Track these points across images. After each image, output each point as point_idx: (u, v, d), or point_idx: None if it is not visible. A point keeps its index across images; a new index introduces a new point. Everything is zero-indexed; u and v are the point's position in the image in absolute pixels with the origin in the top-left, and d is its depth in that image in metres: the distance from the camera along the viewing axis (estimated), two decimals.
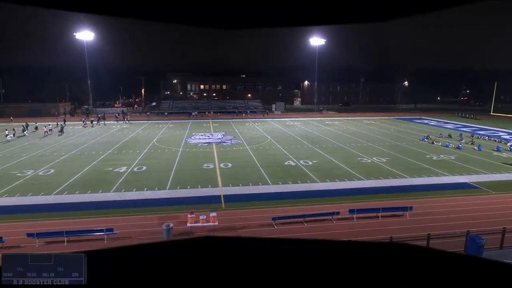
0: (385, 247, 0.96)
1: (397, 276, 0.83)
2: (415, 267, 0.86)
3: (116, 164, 26.47)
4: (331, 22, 0.88)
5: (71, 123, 52.40)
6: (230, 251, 0.97)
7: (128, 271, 0.86)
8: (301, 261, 0.91)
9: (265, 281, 0.83)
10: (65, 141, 37.17)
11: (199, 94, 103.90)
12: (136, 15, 0.80)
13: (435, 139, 37.68)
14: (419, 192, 20.30)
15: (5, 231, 14.66)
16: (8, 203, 18.16)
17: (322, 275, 0.84)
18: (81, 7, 0.77)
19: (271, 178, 22.69)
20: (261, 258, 0.93)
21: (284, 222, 16.08)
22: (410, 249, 0.93)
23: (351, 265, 0.88)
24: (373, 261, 0.90)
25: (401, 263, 0.89)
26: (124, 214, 16.88)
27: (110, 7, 0.77)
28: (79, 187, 20.59)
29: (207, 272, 0.86)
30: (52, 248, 13.80)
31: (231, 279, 0.83)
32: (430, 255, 0.90)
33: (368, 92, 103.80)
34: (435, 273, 0.82)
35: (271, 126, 52.06)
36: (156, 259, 0.90)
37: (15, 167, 25.36)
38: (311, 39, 73.54)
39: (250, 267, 0.89)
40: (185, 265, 0.90)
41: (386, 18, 0.84)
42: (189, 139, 38.86)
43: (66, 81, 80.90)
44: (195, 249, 0.98)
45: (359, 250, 0.96)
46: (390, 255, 0.93)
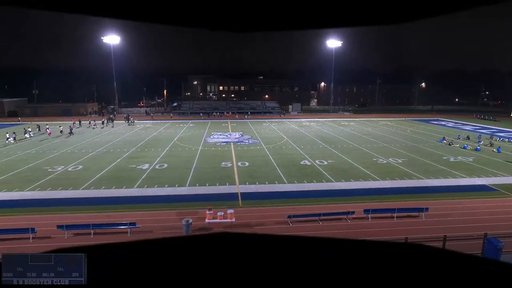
0: (400, 247, 0.95)
1: (413, 277, 0.82)
2: (430, 268, 0.84)
3: (139, 161, 27.56)
4: (344, 25, 0.86)
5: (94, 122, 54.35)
6: (246, 247, 0.98)
7: (139, 266, 0.87)
8: (316, 259, 0.91)
9: (279, 277, 0.83)
10: (92, 139, 38.94)
11: (218, 95, 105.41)
12: (150, 18, 0.81)
13: (452, 140, 37.03)
14: (435, 193, 20.19)
15: (37, 222, 15.57)
16: (40, 196, 19.34)
17: (337, 274, 0.84)
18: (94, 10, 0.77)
19: (287, 177, 23.08)
20: (276, 255, 0.93)
21: (300, 220, 16.27)
22: (426, 250, 0.91)
23: (365, 264, 0.88)
24: (388, 261, 0.89)
25: (416, 264, 0.87)
26: (146, 209, 17.57)
27: (126, 11, 0.78)
28: (105, 183, 21.63)
29: (223, 267, 0.87)
30: (79, 240, 14.54)
31: (246, 275, 0.85)
32: (446, 257, 0.88)
33: (384, 94, 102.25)
34: (451, 275, 0.81)
35: (287, 127, 52.31)
36: (177, 253, 0.95)
37: (47, 163, 26.86)
38: (328, 41, 73.43)
39: (265, 263, 0.90)
40: (203, 259, 0.91)
41: (403, 20, 0.82)
42: (208, 138, 39.77)
43: (93, 82, 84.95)
44: (213, 244, 1.00)
45: (373, 249, 0.95)
46: (405, 255, 0.92)
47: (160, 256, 0.93)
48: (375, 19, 0.83)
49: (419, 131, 47.36)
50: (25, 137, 37.99)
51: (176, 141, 37.80)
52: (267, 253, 0.95)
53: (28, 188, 20.55)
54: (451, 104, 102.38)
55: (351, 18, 0.83)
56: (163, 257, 0.92)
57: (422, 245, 0.93)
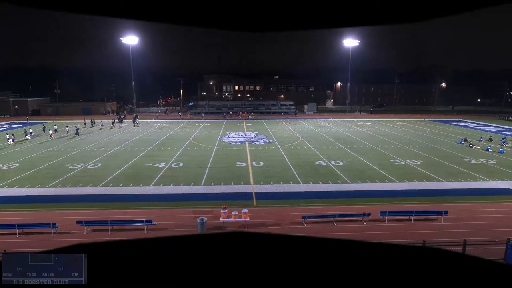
0: (418, 251, 0.92)
1: (431, 282, 0.80)
2: (449, 274, 0.82)
3: (155, 160, 28.03)
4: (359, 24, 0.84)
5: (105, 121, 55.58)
6: (261, 247, 0.98)
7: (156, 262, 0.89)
8: (330, 260, 0.90)
9: (293, 278, 0.83)
10: (111, 137, 39.95)
11: (233, 95, 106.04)
12: (161, 18, 0.81)
13: (473, 142, 35.88)
14: (455, 196, 19.64)
15: (58, 217, 16.05)
16: (61, 192, 19.95)
17: (351, 276, 0.83)
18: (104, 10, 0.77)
19: (301, 177, 22.95)
20: (290, 256, 0.93)
21: (314, 221, 16.18)
22: (445, 254, 0.89)
23: (381, 268, 0.86)
24: (405, 265, 0.87)
25: (434, 268, 0.84)
26: (162, 207, 17.87)
27: (140, 11, 0.78)
28: (123, 180, 22.12)
29: (237, 266, 0.88)
30: (98, 236, 14.93)
31: (260, 274, 0.85)
32: (466, 262, 0.85)
33: (402, 94, 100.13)
34: (471, 282, 0.78)
35: (302, 127, 52.05)
36: (192, 251, 0.96)
37: (68, 160, 27.73)
38: (345, 41, 72.50)
39: (279, 263, 0.90)
40: (217, 258, 0.92)
41: (423, 18, 0.81)
42: (223, 138, 40.05)
43: (112, 82, 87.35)
44: (227, 243, 1.01)
45: (390, 252, 0.93)
46: (423, 259, 0.89)
47: (175, 254, 0.94)
48: (391, 18, 0.82)
49: (439, 132, 46.17)
50: (25, 139, 37.49)
51: (192, 140, 38.23)
52: (281, 253, 0.94)
53: (50, 184, 21.25)
54: (472, 104, 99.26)
55: (365, 17, 0.82)
56: (178, 254, 0.94)
57: (441, 250, 0.90)
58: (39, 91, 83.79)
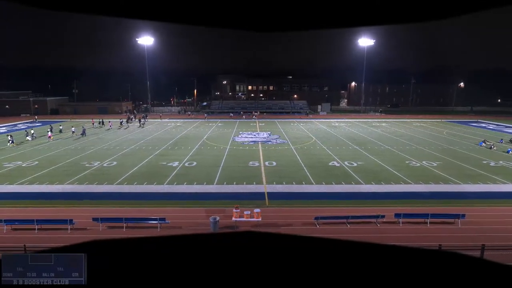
0: (433, 254, 0.90)
1: (446, 287, 0.78)
2: (466, 279, 0.79)
3: (169, 159, 28.37)
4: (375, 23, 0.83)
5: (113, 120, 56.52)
6: (272, 247, 0.98)
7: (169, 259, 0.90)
8: (343, 262, 0.89)
9: (304, 278, 0.83)
10: (126, 136, 40.76)
11: (246, 94, 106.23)
12: (166, 18, 0.81)
13: (493, 144, 34.82)
14: (473, 199, 19.10)
15: (74, 214, 16.47)
16: (77, 189, 20.46)
17: (364, 279, 0.82)
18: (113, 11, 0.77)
19: (314, 178, 22.81)
20: (302, 256, 0.93)
21: (327, 222, 16.07)
22: (462, 259, 0.86)
23: (395, 271, 0.84)
24: (420, 269, 0.85)
25: (451, 273, 0.82)
26: (176, 205, 18.08)
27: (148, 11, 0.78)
28: (137, 179, 22.48)
29: (249, 265, 0.88)
30: (113, 233, 15.20)
31: (271, 274, 0.85)
32: (484, 267, 0.82)
33: (419, 94, 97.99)
34: (489, 287, 0.76)
35: (316, 127, 51.70)
36: (204, 249, 0.97)
37: (84, 158, 28.40)
38: (360, 40, 71.59)
39: (291, 264, 0.89)
40: (229, 257, 0.92)
41: (441, 16, 0.79)
42: (236, 138, 40.19)
43: (128, 82, 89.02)
44: (239, 242, 1.01)
45: (404, 255, 0.91)
46: (438, 264, 0.86)
47: (188, 251, 0.95)
48: (391, 18, 0.81)
49: (457, 134, 45.03)
50: (26, 140, 36.93)
51: (205, 140, 38.53)
52: (293, 254, 0.94)
53: (67, 181, 21.80)
54: (492, 105, 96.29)
55: (370, 17, 0.81)
56: (191, 252, 0.95)
57: (458, 254, 0.88)
58: (58, 91, 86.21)
